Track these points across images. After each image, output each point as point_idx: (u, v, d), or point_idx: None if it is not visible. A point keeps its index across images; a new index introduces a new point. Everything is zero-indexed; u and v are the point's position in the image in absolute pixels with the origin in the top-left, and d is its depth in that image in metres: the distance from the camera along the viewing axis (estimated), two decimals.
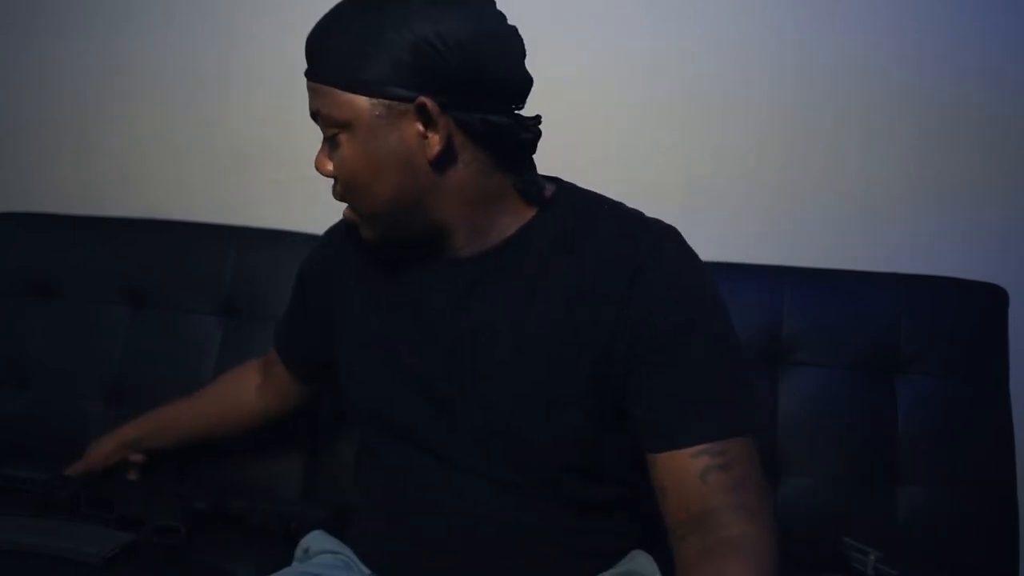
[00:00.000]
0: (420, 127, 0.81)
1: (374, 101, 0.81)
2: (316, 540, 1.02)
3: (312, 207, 1.52)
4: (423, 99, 0.80)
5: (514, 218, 0.89)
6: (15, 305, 1.47)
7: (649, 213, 1.00)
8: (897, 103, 1.36)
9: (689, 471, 0.80)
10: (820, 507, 1.22)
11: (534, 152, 0.88)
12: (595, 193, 0.94)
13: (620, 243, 0.87)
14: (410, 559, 0.93)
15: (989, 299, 1.25)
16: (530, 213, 0.89)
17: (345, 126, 0.83)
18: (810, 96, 1.38)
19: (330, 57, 0.83)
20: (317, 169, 0.88)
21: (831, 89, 1.37)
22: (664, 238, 0.88)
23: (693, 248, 0.90)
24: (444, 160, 0.83)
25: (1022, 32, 1.32)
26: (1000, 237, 1.35)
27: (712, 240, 1.43)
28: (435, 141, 0.82)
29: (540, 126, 0.86)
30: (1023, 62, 1.32)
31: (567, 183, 0.94)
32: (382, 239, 0.90)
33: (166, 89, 1.59)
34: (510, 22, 0.86)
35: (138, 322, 1.44)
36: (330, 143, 0.85)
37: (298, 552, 1.04)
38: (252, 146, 1.56)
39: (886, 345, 1.24)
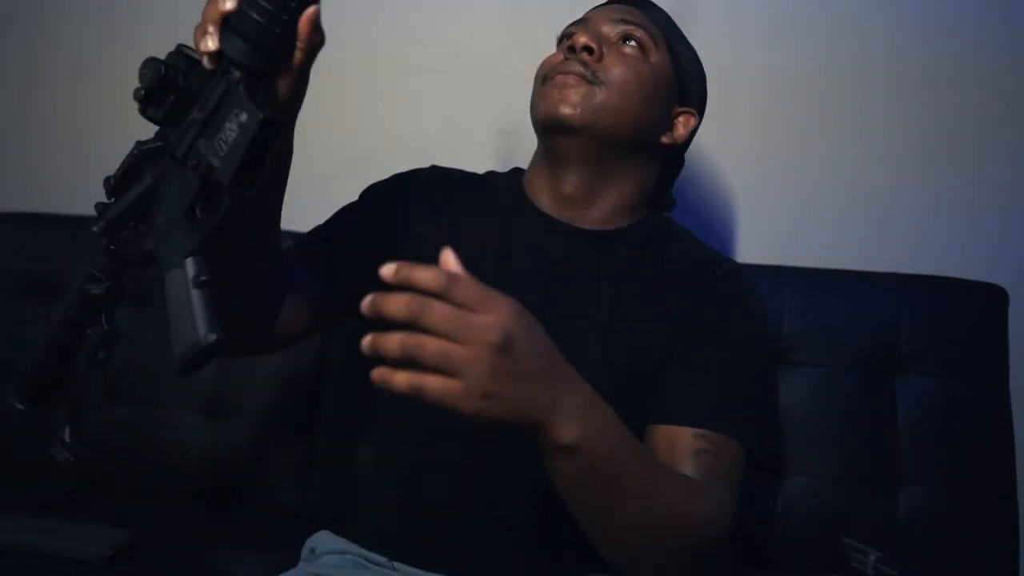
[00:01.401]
0: (680, 108, 1.01)
1: (672, 70, 0.99)
2: (323, 540, 1.02)
3: (312, 207, 1.52)
4: (695, 111, 1.04)
5: (630, 218, 0.99)
6: (15, 305, 1.47)
7: None
8: (897, 104, 1.36)
9: (684, 446, 0.83)
10: (820, 507, 1.22)
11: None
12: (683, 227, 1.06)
13: (709, 256, 1.00)
14: (426, 536, 0.92)
15: (989, 299, 1.25)
16: (632, 219, 1.00)
17: (651, 55, 0.96)
18: (810, 96, 1.38)
19: (670, 22, 1.02)
20: (583, 42, 0.94)
21: (832, 90, 1.37)
22: (745, 268, 1.01)
23: None
24: (668, 148, 1.01)
25: (1021, 36, 1.32)
26: (1000, 237, 1.35)
27: (712, 240, 1.43)
28: (686, 126, 1.02)
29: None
30: (1022, 65, 1.33)
31: None
32: (573, 125, 0.93)
33: None
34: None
35: (138, 322, 1.44)
36: (623, 43, 0.96)
37: (304, 552, 1.03)
38: None
39: (886, 345, 1.24)
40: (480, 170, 1.07)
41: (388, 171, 1.47)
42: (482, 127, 1.42)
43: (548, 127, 0.94)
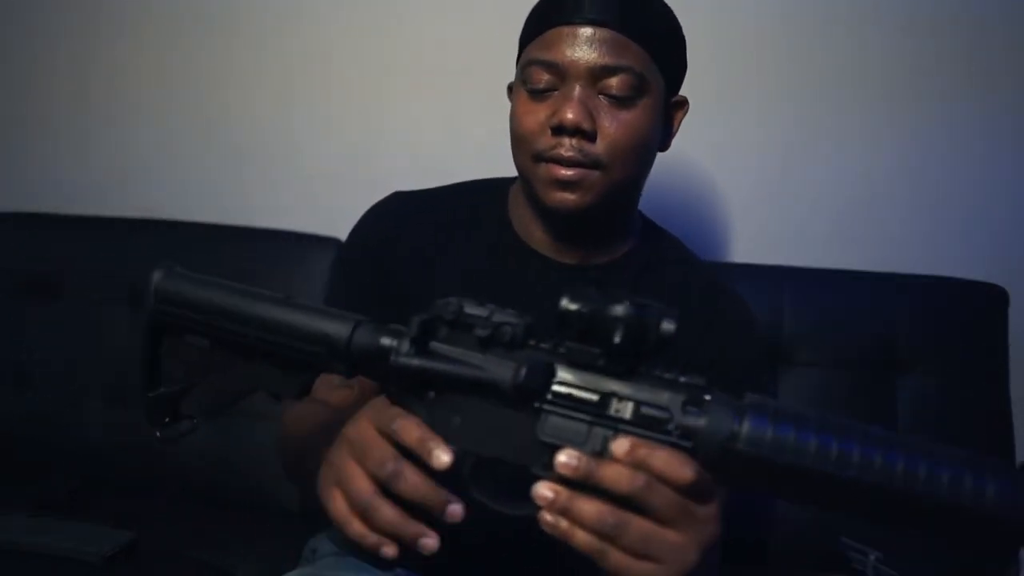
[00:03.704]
0: (664, 121, 0.89)
1: (663, 84, 0.87)
2: (325, 542, 1.01)
3: (311, 207, 1.52)
4: (686, 98, 0.91)
5: (624, 241, 0.94)
6: (15, 305, 1.47)
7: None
8: (897, 103, 1.36)
9: None
10: None
11: None
12: (672, 235, 1.00)
13: (707, 279, 0.95)
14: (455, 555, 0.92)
15: (989, 299, 1.25)
16: (630, 243, 0.95)
17: (646, 93, 0.85)
18: (810, 95, 1.38)
19: (652, 25, 0.85)
20: (572, 121, 0.81)
21: (831, 88, 1.37)
22: (739, 298, 0.96)
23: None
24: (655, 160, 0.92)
25: (1020, 39, 1.32)
26: (1000, 237, 1.35)
27: (712, 240, 1.43)
28: (678, 120, 0.92)
29: None
30: (1022, 65, 1.33)
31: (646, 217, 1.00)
32: (588, 211, 0.85)
33: (166, 89, 1.59)
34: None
35: (138, 322, 1.44)
36: (614, 102, 0.83)
37: (306, 552, 1.03)
38: (251, 146, 1.56)
39: (886, 345, 1.24)
40: (475, 172, 1.05)
41: (381, 172, 1.48)
42: (478, 128, 1.42)
43: (549, 216, 0.88)
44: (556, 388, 0.55)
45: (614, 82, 0.83)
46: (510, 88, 0.95)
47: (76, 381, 1.41)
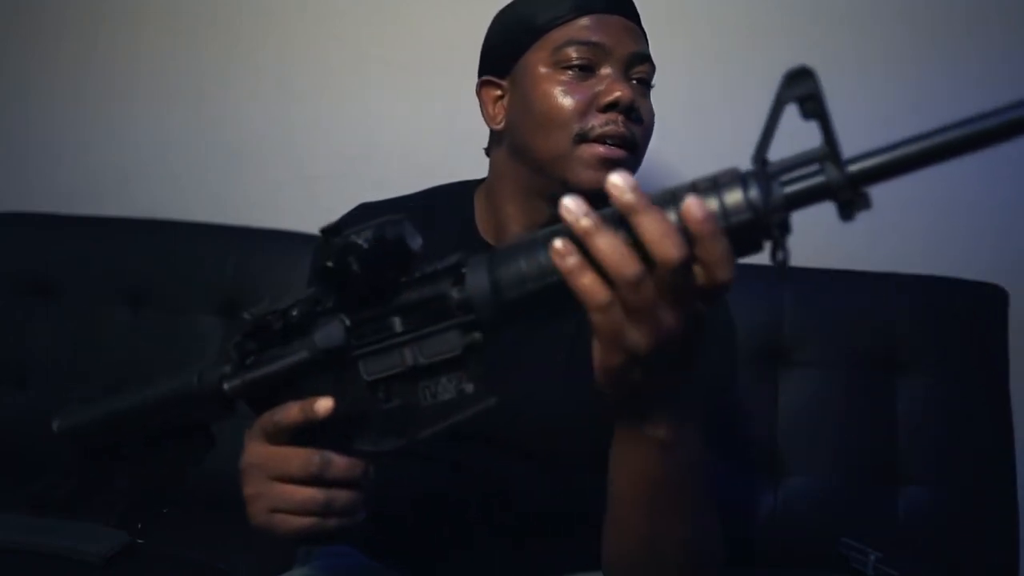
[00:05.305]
0: None
1: None
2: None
3: (311, 207, 1.53)
4: None
5: None
6: (15, 305, 1.47)
7: None
8: (896, 102, 1.36)
9: None
10: (820, 507, 1.22)
11: None
12: None
13: None
14: (419, 540, 0.92)
15: (989, 299, 1.25)
16: None
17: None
18: None
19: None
20: (629, 98, 0.84)
21: (830, 88, 1.37)
22: None
23: None
24: None
25: (1020, 37, 1.32)
26: (1000, 237, 1.35)
27: None
28: None
29: None
30: (1020, 67, 1.33)
31: None
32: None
33: (166, 89, 1.59)
34: (493, 15, 0.89)
35: (138, 322, 1.44)
36: (643, 88, 0.88)
37: (300, 554, 1.03)
38: (251, 146, 1.56)
39: (886, 345, 1.24)
40: (473, 172, 1.05)
41: (380, 172, 1.48)
42: (477, 128, 1.42)
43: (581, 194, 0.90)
44: (356, 332, 0.60)
45: (644, 68, 0.88)
46: (483, 83, 0.95)
47: (76, 381, 1.41)
